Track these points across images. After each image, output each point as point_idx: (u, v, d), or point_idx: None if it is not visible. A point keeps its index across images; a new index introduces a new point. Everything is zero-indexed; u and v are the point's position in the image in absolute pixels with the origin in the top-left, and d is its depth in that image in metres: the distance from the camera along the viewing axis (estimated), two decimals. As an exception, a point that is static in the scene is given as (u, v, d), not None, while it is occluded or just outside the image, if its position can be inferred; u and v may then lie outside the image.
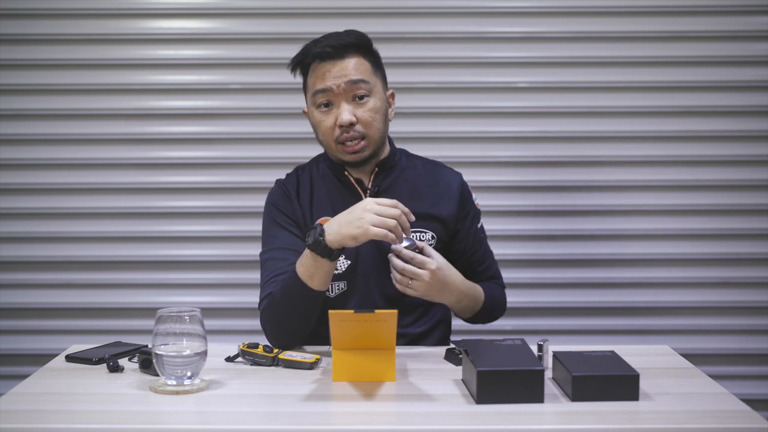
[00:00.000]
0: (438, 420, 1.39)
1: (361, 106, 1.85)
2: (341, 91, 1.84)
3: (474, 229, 2.00)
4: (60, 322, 2.77)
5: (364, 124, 1.85)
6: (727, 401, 1.49)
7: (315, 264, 1.70)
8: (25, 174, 2.75)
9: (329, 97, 1.85)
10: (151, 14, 2.74)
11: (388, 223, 1.66)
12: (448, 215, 1.95)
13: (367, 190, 1.93)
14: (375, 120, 1.87)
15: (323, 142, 1.92)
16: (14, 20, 2.72)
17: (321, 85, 1.85)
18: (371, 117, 1.86)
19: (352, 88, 1.84)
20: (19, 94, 2.74)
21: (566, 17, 2.74)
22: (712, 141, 2.76)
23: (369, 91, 1.86)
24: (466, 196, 2.00)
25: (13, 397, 1.51)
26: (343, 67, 1.84)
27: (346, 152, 1.87)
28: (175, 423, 1.39)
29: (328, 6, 2.72)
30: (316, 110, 1.88)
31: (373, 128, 1.87)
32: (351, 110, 1.84)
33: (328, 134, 1.88)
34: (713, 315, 2.78)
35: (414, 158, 2.03)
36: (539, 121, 2.76)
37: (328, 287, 1.82)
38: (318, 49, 1.86)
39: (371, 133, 1.87)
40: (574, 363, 1.51)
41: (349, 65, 1.85)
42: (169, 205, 2.76)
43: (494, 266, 2.05)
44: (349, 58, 1.85)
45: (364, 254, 1.89)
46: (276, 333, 1.81)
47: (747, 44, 2.73)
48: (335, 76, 1.84)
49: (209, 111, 2.75)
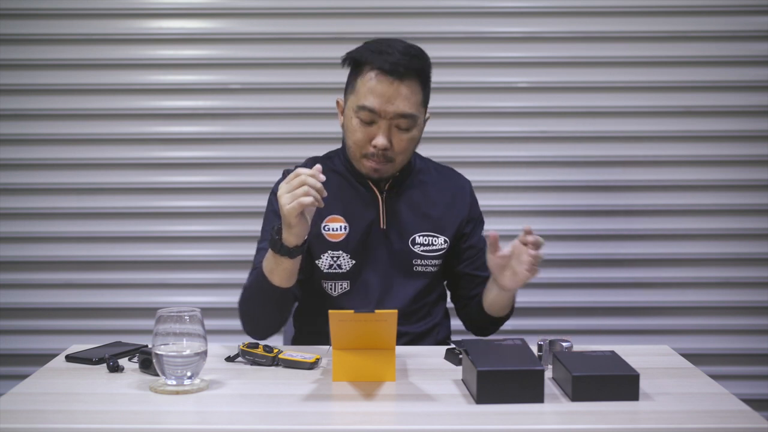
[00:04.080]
0: (438, 420, 1.39)
1: (399, 135, 1.82)
2: (387, 117, 1.80)
3: (478, 235, 2.01)
4: (60, 322, 2.77)
5: (398, 151, 1.84)
6: (727, 401, 1.49)
7: (275, 260, 1.70)
8: (25, 174, 2.75)
9: (373, 117, 1.80)
10: (151, 14, 2.74)
11: (296, 194, 1.60)
12: (460, 219, 1.97)
13: (383, 192, 1.91)
14: (408, 149, 1.86)
15: (349, 148, 1.88)
16: (14, 20, 2.72)
17: (369, 103, 1.79)
18: (406, 147, 1.84)
19: (398, 119, 1.80)
20: (19, 94, 2.74)
21: (566, 17, 2.74)
22: (712, 141, 2.76)
23: (413, 125, 1.83)
24: (475, 200, 2.02)
25: (13, 397, 1.50)
26: (398, 93, 1.78)
27: (368, 167, 1.85)
28: (175, 423, 1.39)
29: (328, 6, 2.72)
30: (354, 118, 1.82)
31: (404, 155, 1.86)
32: (389, 136, 1.81)
33: (357, 145, 1.84)
34: (713, 315, 2.78)
35: (427, 161, 2.03)
36: (539, 121, 2.76)
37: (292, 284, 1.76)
38: (380, 63, 1.78)
39: (400, 159, 1.86)
40: (574, 363, 1.51)
41: (403, 93, 1.79)
42: (169, 205, 2.76)
43: None
44: (407, 82, 1.79)
45: (370, 255, 1.90)
46: (246, 323, 1.84)
47: (747, 44, 2.73)
48: (387, 100, 1.78)
49: (209, 111, 2.75)
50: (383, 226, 1.90)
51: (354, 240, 1.89)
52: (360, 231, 1.89)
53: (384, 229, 1.90)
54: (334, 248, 1.89)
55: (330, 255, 1.89)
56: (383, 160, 1.83)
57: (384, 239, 1.90)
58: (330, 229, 1.89)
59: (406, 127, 1.82)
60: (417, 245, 1.91)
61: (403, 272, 1.91)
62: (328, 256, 1.89)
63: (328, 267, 1.90)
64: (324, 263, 1.90)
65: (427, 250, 1.92)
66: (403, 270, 1.91)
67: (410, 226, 1.91)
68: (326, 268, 1.90)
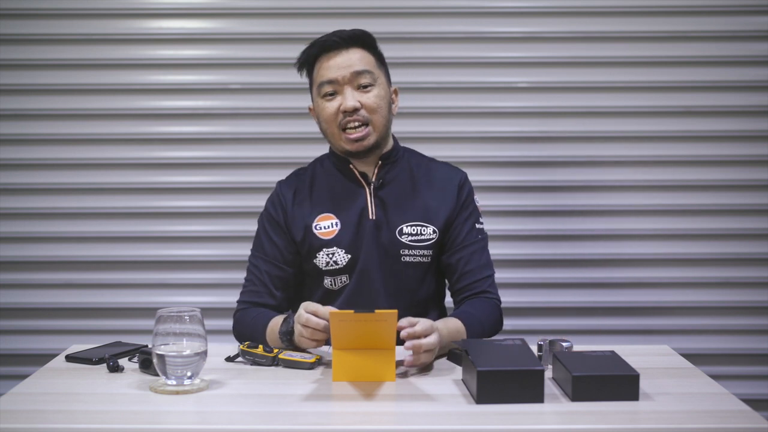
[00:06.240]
0: (438, 420, 1.39)
1: (365, 93, 1.89)
2: (346, 81, 1.88)
3: (469, 226, 1.97)
4: (60, 322, 2.77)
5: (369, 110, 1.89)
6: (727, 401, 1.49)
7: (279, 342, 1.76)
8: (25, 174, 2.75)
9: (335, 87, 1.89)
10: (151, 14, 2.74)
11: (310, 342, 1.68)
12: (446, 209, 1.96)
13: (371, 183, 1.95)
14: (380, 107, 1.90)
15: (327, 132, 1.94)
16: (14, 20, 2.72)
17: (326, 76, 1.89)
18: (376, 103, 1.90)
19: (357, 77, 1.88)
20: (19, 94, 2.74)
21: (566, 17, 2.74)
22: (712, 141, 2.76)
23: (373, 81, 1.90)
24: (466, 192, 2.00)
25: (13, 397, 1.51)
26: (348, 58, 1.89)
27: (349, 140, 1.89)
28: (175, 423, 1.39)
29: (328, 6, 2.72)
30: (321, 100, 1.91)
31: (377, 114, 1.90)
32: (355, 96, 1.88)
33: (331, 121, 1.90)
34: (713, 315, 2.78)
35: (417, 155, 2.06)
36: (539, 121, 2.76)
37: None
38: (322, 47, 1.91)
39: (376, 119, 1.90)
40: (574, 363, 1.51)
41: (353, 57, 1.89)
42: (169, 205, 2.76)
43: (487, 280, 1.97)
44: (354, 50, 1.90)
45: (363, 247, 1.92)
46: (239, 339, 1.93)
47: (747, 44, 2.73)
48: (340, 66, 1.88)
49: (209, 111, 2.75)
50: (372, 217, 1.92)
51: (346, 234, 1.92)
52: (351, 224, 1.92)
53: (373, 219, 1.92)
54: (328, 245, 1.92)
55: (325, 252, 1.92)
56: (360, 123, 1.88)
57: (374, 230, 1.92)
58: (321, 227, 1.93)
59: (367, 84, 1.89)
60: (405, 235, 1.92)
61: (392, 262, 1.92)
62: (323, 254, 1.92)
63: (325, 264, 1.92)
64: (321, 261, 1.92)
65: (415, 240, 1.93)
66: (392, 260, 1.92)
67: (398, 217, 1.93)
68: (324, 265, 1.92)
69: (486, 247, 2.01)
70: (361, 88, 1.89)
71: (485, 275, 1.97)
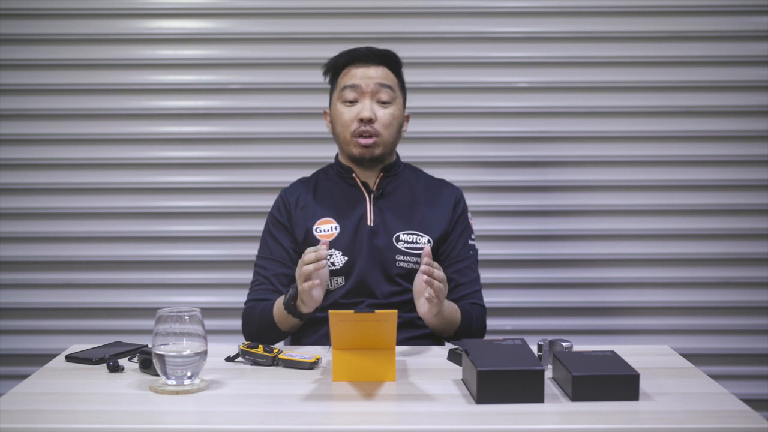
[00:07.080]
0: (438, 420, 1.39)
1: (382, 109, 2.00)
2: (369, 90, 1.99)
3: (463, 241, 2.05)
4: (60, 322, 2.77)
5: (382, 125, 1.99)
6: (727, 401, 1.49)
7: (285, 316, 1.86)
8: (25, 174, 2.75)
9: (357, 94, 1.99)
10: (151, 14, 2.74)
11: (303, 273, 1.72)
12: (443, 222, 2.03)
13: (371, 192, 2.02)
14: (391, 125, 2.00)
15: (339, 135, 2.02)
16: (14, 20, 2.72)
17: (351, 81, 1.99)
18: (389, 120, 2.00)
19: (379, 91, 1.99)
20: (19, 94, 2.74)
21: (566, 17, 2.74)
22: (712, 141, 2.76)
23: (392, 100, 2.01)
24: (461, 208, 2.08)
25: (13, 397, 1.50)
26: (375, 71, 2.00)
27: (359, 145, 1.97)
28: (175, 423, 1.39)
29: (328, 6, 2.72)
30: (340, 104, 2.01)
31: (388, 130, 1.99)
32: (373, 109, 1.97)
33: (346, 126, 2.00)
34: (713, 315, 2.78)
35: (417, 171, 2.14)
36: (539, 121, 2.76)
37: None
38: (354, 56, 2.01)
39: (385, 134, 1.99)
40: (574, 363, 1.51)
41: (380, 72, 2.01)
42: (169, 205, 2.76)
43: (478, 293, 2.06)
44: (381, 67, 2.01)
45: (360, 250, 1.96)
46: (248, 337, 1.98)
47: (747, 44, 2.73)
48: (366, 76, 1.99)
49: (209, 111, 2.75)
50: (370, 224, 1.98)
51: (344, 238, 1.98)
52: (350, 228, 1.99)
53: (371, 226, 1.99)
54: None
55: None
56: (370, 135, 1.97)
57: (371, 235, 1.98)
58: (321, 230, 1.99)
59: (386, 100, 1.99)
60: (401, 242, 1.99)
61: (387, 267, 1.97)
62: None
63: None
64: None
65: (410, 247, 1.98)
66: (387, 265, 1.97)
67: (395, 225, 2.00)
68: None
69: (477, 262, 2.09)
70: (380, 103, 1.99)
71: (476, 288, 2.06)
